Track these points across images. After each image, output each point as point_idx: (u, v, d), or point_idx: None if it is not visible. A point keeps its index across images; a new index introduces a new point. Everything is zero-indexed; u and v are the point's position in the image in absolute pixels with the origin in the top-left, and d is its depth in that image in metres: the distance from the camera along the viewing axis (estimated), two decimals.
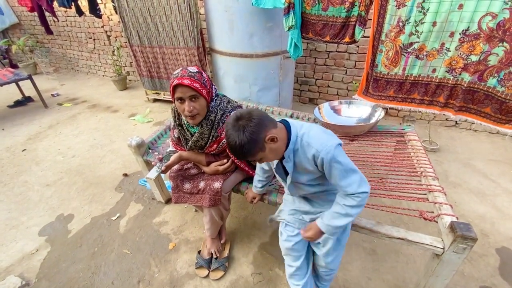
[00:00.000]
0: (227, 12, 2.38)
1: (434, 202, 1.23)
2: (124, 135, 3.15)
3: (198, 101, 1.19)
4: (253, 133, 0.83)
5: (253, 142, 0.84)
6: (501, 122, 1.59)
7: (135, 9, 3.05)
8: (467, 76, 1.58)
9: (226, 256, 1.65)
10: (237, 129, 0.84)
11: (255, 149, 0.86)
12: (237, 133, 0.83)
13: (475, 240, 0.97)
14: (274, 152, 0.91)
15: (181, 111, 1.21)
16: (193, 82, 1.14)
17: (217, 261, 1.59)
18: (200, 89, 1.16)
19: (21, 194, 2.30)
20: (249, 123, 0.83)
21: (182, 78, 1.13)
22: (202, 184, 1.42)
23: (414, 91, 1.80)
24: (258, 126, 0.84)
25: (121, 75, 4.55)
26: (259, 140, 0.85)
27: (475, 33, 1.47)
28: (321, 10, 1.93)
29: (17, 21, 5.61)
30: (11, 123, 3.58)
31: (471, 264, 1.58)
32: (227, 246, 1.71)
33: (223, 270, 1.57)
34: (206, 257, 1.60)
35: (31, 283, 1.59)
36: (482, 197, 2.04)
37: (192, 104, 1.18)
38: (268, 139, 0.86)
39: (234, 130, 0.84)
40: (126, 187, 2.32)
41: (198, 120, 1.25)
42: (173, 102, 1.26)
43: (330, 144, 0.87)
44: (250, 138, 0.83)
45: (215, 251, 1.61)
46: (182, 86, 1.13)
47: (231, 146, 0.87)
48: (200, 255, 1.63)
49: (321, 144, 0.88)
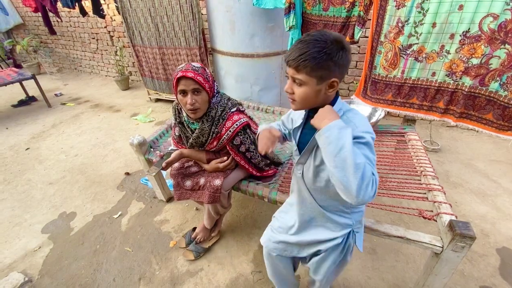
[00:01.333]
0: (229, 12, 2.40)
1: (433, 201, 1.24)
2: (126, 134, 3.17)
3: (200, 95, 1.20)
4: (339, 62, 0.71)
5: (331, 65, 0.71)
6: (503, 129, 1.54)
7: (137, 9, 3.08)
8: (468, 80, 1.54)
9: (206, 247, 1.72)
10: (335, 46, 0.70)
11: (320, 70, 0.71)
12: (332, 46, 0.70)
13: (473, 239, 0.98)
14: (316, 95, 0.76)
15: (183, 104, 1.22)
16: (197, 75, 1.16)
17: (196, 245, 1.69)
18: (203, 83, 1.18)
19: (24, 192, 2.33)
20: (347, 55, 0.72)
21: (186, 71, 1.15)
22: (202, 180, 1.43)
23: (413, 96, 1.76)
24: (345, 67, 0.74)
25: (124, 75, 4.59)
26: (332, 71, 0.72)
27: (476, 34, 1.44)
28: (321, 10, 1.94)
29: (21, 21, 5.66)
30: (15, 122, 3.62)
31: (471, 263, 1.58)
32: (213, 240, 1.77)
33: (194, 256, 1.66)
34: (193, 237, 1.73)
35: (33, 280, 1.61)
36: (483, 197, 2.04)
37: (195, 97, 1.19)
38: (331, 82, 0.74)
39: (332, 44, 0.70)
40: (128, 186, 2.34)
41: (199, 115, 1.26)
42: (175, 99, 1.28)
43: (371, 132, 0.77)
44: (336, 60, 0.70)
45: (199, 237, 1.71)
46: (186, 78, 1.15)
47: (310, 42, 0.70)
48: (192, 232, 1.78)
49: (363, 126, 0.76)
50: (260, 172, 1.50)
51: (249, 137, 1.34)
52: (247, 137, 1.33)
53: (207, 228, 1.70)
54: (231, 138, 1.30)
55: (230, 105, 1.32)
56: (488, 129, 1.60)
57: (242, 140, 1.32)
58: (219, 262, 1.66)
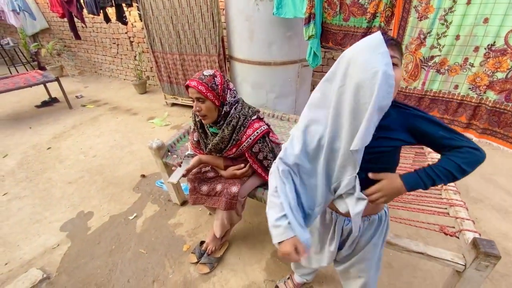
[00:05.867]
0: (248, 21, 2.45)
1: (455, 217, 1.21)
2: (143, 137, 3.25)
3: (205, 104, 1.25)
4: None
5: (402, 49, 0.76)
6: None
7: (159, 17, 3.17)
8: (492, 94, 1.51)
9: (218, 257, 1.69)
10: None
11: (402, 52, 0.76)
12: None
13: (498, 258, 0.94)
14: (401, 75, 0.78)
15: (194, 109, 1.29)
16: (199, 85, 1.21)
17: (208, 257, 1.67)
18: (205, 92, 1.21)
19: (45, 190, 2.41)
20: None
21: (192, 80, 1.22)
22: (219, 186, 1.45)
23: (434, 108, 1.74)
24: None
25: (142, 79, 4.71)
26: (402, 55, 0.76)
27: (502, 48, 1.42)
28: (342, 21, 1.95)
29: (47, 26, 5.93)
30: (38, 122, 3.77)
31: (492, 283, 1.52)
32: (224, 247, 1.75)
33: (209, 268, 1.63)
34: (203, 249, 1.70)
35: (51, 277, 1.65)
36: (505, 214, 1.96)
37: (199, 105, 1.25)
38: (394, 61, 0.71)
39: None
40: (143, 188, 2.38)
41: (209, 121, 1.31)
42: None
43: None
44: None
45: (210, 248, 1.68)
46: (190, 87, 1.23)
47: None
48: (201, 245, 1.73)
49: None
50: None
51: (267, 145, 1.35)
52: (265, 145, 1.34)
53: (217, 237, 1.66)
54: (251, 145, 1.31)
55: (251, 113, 1.34)
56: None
57: (260, 148, 1.33)
58: (232, 269, 1.65)
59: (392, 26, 1.77)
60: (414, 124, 0.77)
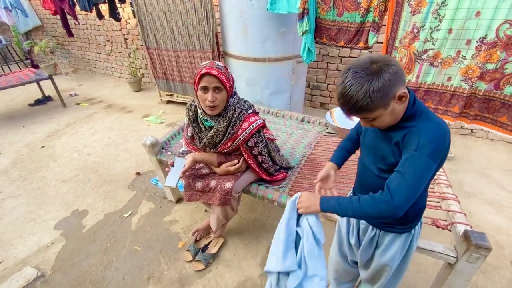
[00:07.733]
0: (242, 17, 2.43)
1: (447, 210, 1.22)
2: (138, 135, 3.23)
3: (221, 93, 1.23)
4: (389, 81, 0.67)
5: (384, 92, 0.67)
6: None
7: (153, 13, 3.14)
8: (483, 84, 1.55)
9: (213, 253, 1.69)
10: (369, 73, 0.67)
11: (380, 102, 0.69)
12: (368, 78, 0.67)
13: (489, 250, 0.95)
14: (394, 114, 0.74)
15: (202, 100, 1.24)
16: (220, 73, 1.19)
17: (203, 254, 1.67)
18: (225, 82, 1.21)
19: (39, 189, 2.39)
20: (387, 69, 0.67)
21: (211, 69, 1.17)
22: (213, 182, 1.45)
23: (428, 100, 1.77)
24: (396, 76, 0.68)
25: (136, 77, 4.68)
26: (390, 92, 0.68)
27: (493, 41, 1.44)
28: (335, 16, 1.95)
29: (40, 23, 5.85)
30: (31, 121, 3.73)
31: (485, 276, 1.54)
32: (219, 243, 1.75)
33: (204, 265, 1.63)
34: (198, 247, 1.72)
35: (46, 275, 1.65)
36: (498, 208, 1.98)
37: (215, 95, 1.21)
38: (399, 96, 0.70)
39: (365, 73, 0.67)
40: (138, 186, 2.37)
41: (217, 112, 1.28)
42: (188, 100, 1.30)
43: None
44: (383, 86, 0.66)
45: (199, 234, 1.75)
46: (210, 75, 1.18)
47: (348, 94, 0.68)
48: (195, 243, 1.74)
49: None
50: (270, 177, 1.50)
51: (262, 140, 1.35)
52: (260, 140, 1.34)
53: (210, 229, 1.69)
54: (246, 139, 1.31)
55: (246, 106, 1.34)
56: (502, 131, 1.60)
57: (256, 142, 1.33)
58: (227, 265, 1.66)
59: (385, 21, 1.77)
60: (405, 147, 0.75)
